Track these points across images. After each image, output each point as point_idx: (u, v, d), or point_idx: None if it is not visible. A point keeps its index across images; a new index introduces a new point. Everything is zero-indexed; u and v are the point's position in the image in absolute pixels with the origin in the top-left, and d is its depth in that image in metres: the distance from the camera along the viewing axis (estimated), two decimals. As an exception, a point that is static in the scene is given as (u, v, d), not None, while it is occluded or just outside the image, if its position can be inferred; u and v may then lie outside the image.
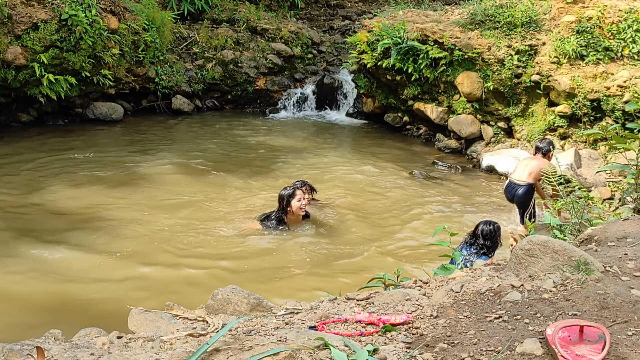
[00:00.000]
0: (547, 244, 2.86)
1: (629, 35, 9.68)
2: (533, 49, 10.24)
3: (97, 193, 8.06)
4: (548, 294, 2.64)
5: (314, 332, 2.46)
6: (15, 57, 10.34)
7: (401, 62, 11.20)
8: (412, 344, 2.41)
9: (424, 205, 8.17)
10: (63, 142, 10.43)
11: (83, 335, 2.66)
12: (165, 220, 7.26)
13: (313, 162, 10.12)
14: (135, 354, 2.37)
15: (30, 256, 6.17)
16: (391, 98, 12.34)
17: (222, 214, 7.55)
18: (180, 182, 8.73)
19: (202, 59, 13.63)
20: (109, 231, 6.88)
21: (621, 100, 9.21)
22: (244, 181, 8.88)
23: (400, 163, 10.25)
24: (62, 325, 4.20)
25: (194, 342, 2.50)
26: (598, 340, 2.24)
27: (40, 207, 7.50)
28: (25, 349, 2.34)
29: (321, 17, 17.70)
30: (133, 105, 12.87)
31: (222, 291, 3.04)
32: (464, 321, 2.54)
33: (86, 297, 5.44)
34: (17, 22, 10.42)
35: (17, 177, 8.55)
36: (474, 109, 10.92)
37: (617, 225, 3.51)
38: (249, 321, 2.77)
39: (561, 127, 9.98)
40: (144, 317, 2.86)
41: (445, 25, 11.15)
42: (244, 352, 2.16)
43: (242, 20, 14.61)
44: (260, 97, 14.07)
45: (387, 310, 2.81)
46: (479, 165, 10.19)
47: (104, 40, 11.22)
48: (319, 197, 7.76)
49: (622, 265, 2.89)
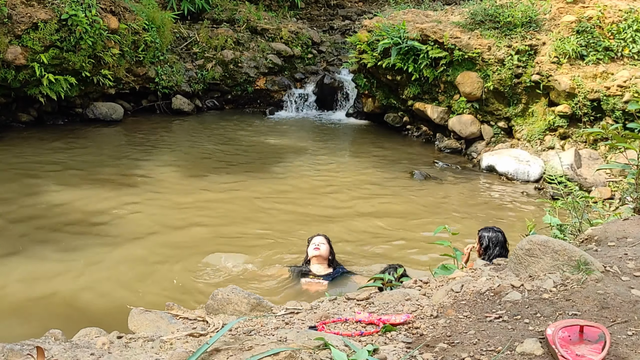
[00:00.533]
0: (547, 244, 2.86)
1: (629, 35, 9.68)
2: (533, 49, 10.24)
3: (97, 193, 8.06)
4: (548, 294, 2.64)
5: (314, 332, 2.46)
6: (15, 57, 10.34)
7: (401, 62, 11.20)
8: (412, 344, 2.41)
9: (424, 205, 8.17)
10: (63, 142, 10.43)
11: (83, 335, 2.66)
12: (165, 221, 7.26)
13: (313, 162, 10.12)
14: (135, 354, 2.37)
15: (30, 256, 6.17)
16: (391, 98, 12.34)
17: (222, 214, 7.55)
18: (180, 182, 8.73)
19: (202, 59, 13.63)
20: (108, 231, 6.88)
21: (621, 100, 9.21)
22: (244, 181, 8.88)
23: (400, 163, 10.25)
24: (62, 325, 4.20)
25: (194, 342, 2.50)
26: (598, 340, 2.24)
27: (39, 207, 7.50)
28: (25, 349, 2.34)
29: (321, 17, 17.71)
30: (133, 105, 12.88)
31: (222, 291, 3.05)
32: (464, 321, 2.54)
33: (86, 297, 5.44)
34: (17, 22, 10.43)
35: (16, 177, 8.55)
36: (474, 109, 10.92)
37: (617, 225, 3.51)
38: (249, 321, 2.77)
39: (561, 127, 9.98)
40: (144, 317, 2.86)
41: (445, 25, 11.15)
42: (244, 352, 2.16)
43: (242, 20, 14.61)
44: (260, 97, 14.07)
45: (387, 310, 2.81)
46: (479, 165, 10.19)
47: (104, 40, 11.23)
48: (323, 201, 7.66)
49: (622, 265, 2.89)
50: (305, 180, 9.10)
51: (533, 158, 9.68)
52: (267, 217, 7.47)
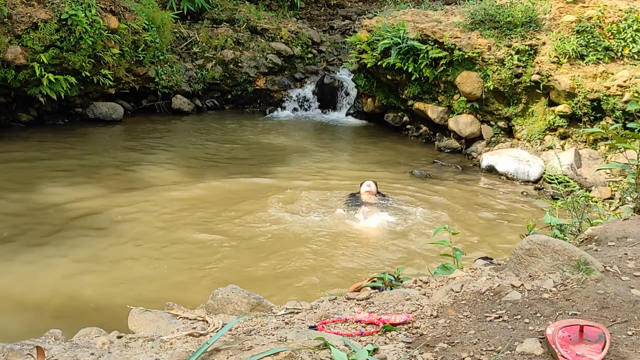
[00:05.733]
0: (547, 244, 2.86)
1: (629, 35, 9.68)
2: (533, 49, 10.24)
3: (97, 193, 8.05)
4: (548, 294, 2.64)
5: (314, 332, 2.46)
6: (15, 56, 10.34)
7: (401, 61, 11.20)
8: (412, 344, 2.41)
9: (424, 205, 8.17)
10: (63, 142, 10.42)
11: (83, 335, 2.66)
12: (165, 221, 7.26)
13: (313, 162, 10.12)
14: (135, 354, 2.37)
15: (30, 256, 6.16)
16: (391, 98, 12.34)
17: (222, 214, 7.55)
18: (180, 182, 8.73)
19: (202, 58, 13.63)
20: (108, 231, 6.88)
21: (621, 100, 9.21)
22: (244, 181, 8.88)
23: (400, 163, 10.25)
24: (62, 325, 4.20)
25: (194, 342, 2.50)
26: (598, 340, 2.24)
27: (39, 207, 7.49)
28: (25, 349, 2.34)
29: (321, 16, 17.71)
30: (133, 105, 12.87)
31: (222, 291, 3.05)
32: (464, 321, 2.54)
33: (86, 297, 5.44)
34: (17, 22, 10.42)
35: (16, 177, 8.54)
36: (474, 109, 10.93)
37: (617, 225, 3.51)
38: (249, 321, 2.77)
39: (561, 127, 9.98)
40: (144, 317, 2.86)
41: (445, 25, 11.15)
42: (244, 351, 2.16)
43: (242, 20, 14.61)
44: (260, 97, 14.07)
45: (387, 310, 2.81)
46: (479, 165, 10.19)
47: (104, 40, 11.22)
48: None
49: (622, 265, 2.89)
50: (305, 180, 9.09)
51: (533, 158, 9.68)
52: (266, 215, 7.47)
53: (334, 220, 7.39)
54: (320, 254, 6.45)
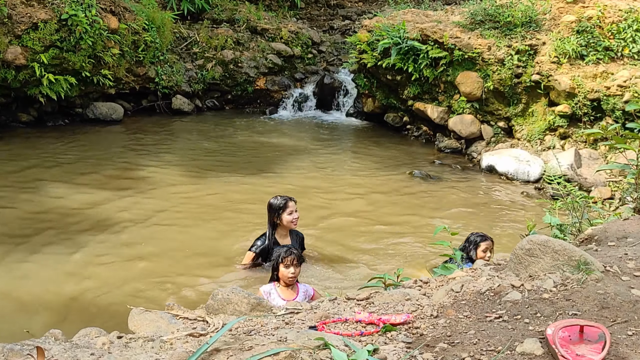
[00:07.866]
0: (547, 244, 2.86)
1: (629, 35, 9.68)
2: (533, 49, 10.24)
3: (97, 193, 8.05)
4: (548, 294, 2.64)
5: (314, 332, 2.46)
6: (15, 57, 10.34)
7: (401, 62, 11.20)
8: (412, 344, 2.41)
9: (424, 205, 8.18)
10: (63, 142, 10.42)
11: (83, 335, 2.66)
12: (165, 221, 7.26)
13: (313, 162, 10.12)
14: (136, 354, 2.37)
15: (30, 256, 6.16)
16: (391, 98, 12.34)
17: (222, 214, 7.55)
18: (181, 182, 8.73)
19: (202, 59, 13.63)
20: (108, 231, 6.88)
21: (621, 100, 9.21)
22: (244, 181, 8.88)
23: (400, 163, 10.25)
24: (62, 325, 4.19)
25: (194, 342, 2.50)
26: (598, 340, 2.24)
27: (39, 208, 7.50)
28: (25, 349, 2.34)
29: (321, 17, 17.70)
30: (133, 105, 12.87)
31: (222, 291, 3.05)
32: (464, 321, 2.54)
33: (86, 297, 5.44)
34: (17, 22, 10.43)
35: (16, 177, 8.55)
36: (474, 109, 10.92)
37: (617, 225, 3.51)
38: (249, 321, 2.77)
39: (561, 127, 9.98)
40: (144, 317, 2.86)
41: (445, 25, 11.15)
42: (244, 352, 2.16)
43: (242, 20, 14.61)
44: (260, 97, 14.06)
45: (387, 310, 2.81)
46: (479, 165, 10.19)
47: (104, 40, 11.22)
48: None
49: (622, 265, 2.89)
50: (305, 179, 9.10)
51: (533, 158, 9.68)
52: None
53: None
54: (323, 255, 6.45)
